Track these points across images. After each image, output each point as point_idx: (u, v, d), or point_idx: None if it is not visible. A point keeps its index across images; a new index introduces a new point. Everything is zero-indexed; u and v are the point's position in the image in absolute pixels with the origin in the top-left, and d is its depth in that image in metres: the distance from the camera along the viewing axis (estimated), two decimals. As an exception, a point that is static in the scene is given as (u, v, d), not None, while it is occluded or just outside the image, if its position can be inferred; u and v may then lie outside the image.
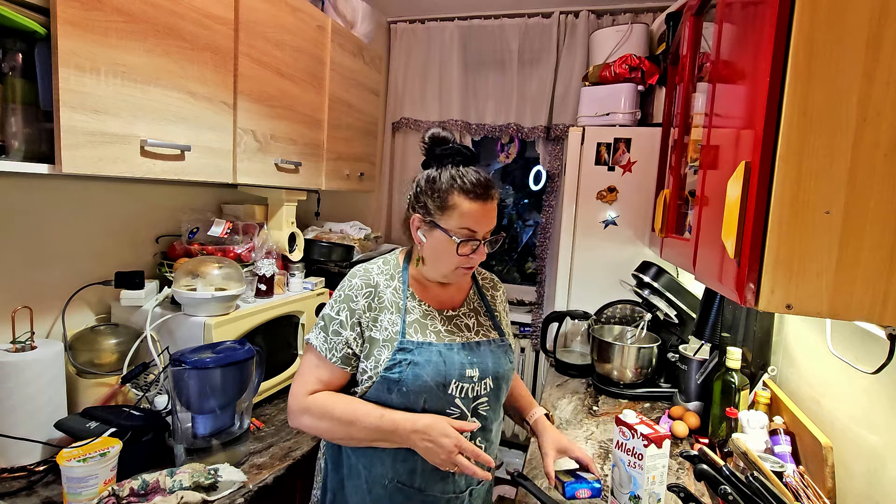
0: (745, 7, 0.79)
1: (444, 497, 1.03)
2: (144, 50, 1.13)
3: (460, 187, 0.99)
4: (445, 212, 1.00)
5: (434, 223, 1.01)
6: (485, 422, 1.05)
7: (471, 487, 1.06)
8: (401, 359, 0.98)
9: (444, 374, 0.99)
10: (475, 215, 0.99)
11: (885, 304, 0.61)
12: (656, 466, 1.00)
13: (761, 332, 1.52)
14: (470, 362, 1.03)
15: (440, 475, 1.02)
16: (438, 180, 1.01)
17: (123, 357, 1.33)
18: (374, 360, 1.01)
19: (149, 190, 1.61)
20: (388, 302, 1.04)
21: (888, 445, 0.93)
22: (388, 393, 0.99)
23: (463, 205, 0.98)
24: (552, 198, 2.58)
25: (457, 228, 0.99)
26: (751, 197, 0.65)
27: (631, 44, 2.18)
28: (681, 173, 1.37)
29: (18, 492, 1.06)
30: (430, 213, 1.01)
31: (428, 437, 0.92)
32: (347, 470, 1.06)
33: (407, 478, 1.01)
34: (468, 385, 1.02)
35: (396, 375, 0.98)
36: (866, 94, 0.59)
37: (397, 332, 1.01)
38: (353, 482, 1.05)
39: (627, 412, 1.07)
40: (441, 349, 1.02)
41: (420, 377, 0.98)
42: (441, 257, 1.02)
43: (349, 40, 2.00)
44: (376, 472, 1.02)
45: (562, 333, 2.12)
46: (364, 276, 1.05)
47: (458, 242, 0.99)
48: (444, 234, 0.99)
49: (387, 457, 1.01)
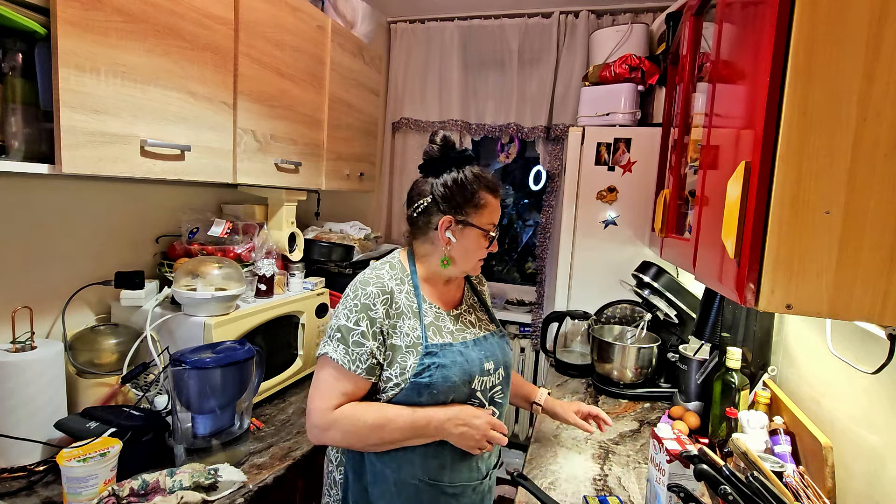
0: (745, 7, 0.79)
1: (471, 485, 1.08)
2: (144, 50, 1.13)
3: (486, 185, 1.07)
4: (478, 209, 1.06)
5: (467, 222, 1.06)
6: (500, 408, 1.13)
7: (489, 472, 1.13)
8: (429, 363, 1.01)
9: (468, 372, 1.04)
10: (498, 210, 1.10)
11: (885, 304, 0.61)
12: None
13: (761, 332, 1.52)
14: (485, 356, 1.09)
15: (466, 465, 1.06)
16: (467, 181, 1.06)
17: (123, 357, 1.33)
18: (399, 366, 1.01)
19: (149, 190, 1.61)
20: (403, 307, 1.05)
21: (888, 445, 0.93)
22: (419, 396, 1.01)
23: (491, 202, 1.08)
24: (552, 198, 2.58)
25: (487, 224, 1.08)
26: (751, 197, 0.65)
27: (631, 44, 2.18)
28: (681, 173, 1.37)
29: (18, 492, 1.06)
30: (463, 212, 1.06)
31: (462, 422, 0.99)
32: (372, 477, 1.05)
33: (437, 473, 1.04)
34: (487, 378, 1.08)
35: (427, 379, 1.00)
36: (866, 94, 0.59)
37: (419, 336, 1.03)
38: (378, 488, 1.04)
39: (663, 426, 1.08)
40: (460, 348, 1.06)
41: (449, 378, 1.01)
42: (472, 254, 1.09)
43: (349, 40, 2.00)
44: (405, 473, 1.03)
45: (562, 333, 2.12)
46: (378, 284, 1.03)
47: (492, 238, 1.08)
48: (478, 230, 1.07)
49: (416, 456, 1.03)
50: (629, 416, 1.63)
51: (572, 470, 1.28)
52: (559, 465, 1.31)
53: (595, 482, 1.23)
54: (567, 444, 1.41)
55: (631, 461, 1.34)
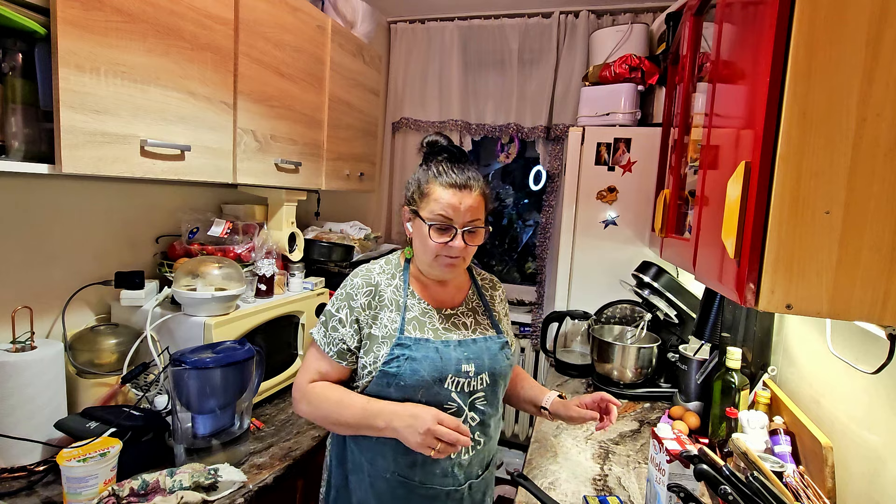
0: (745, 7, 0.79)
1: (444, 490, 1.05)
2: (144, 50, 1.13)
3: (435, 176, 1.06)
4: (423, 199, 1.06)
5: (416, 212, 1.07)
6: (482, 416, 1.08)
7: (470, 481, 1.08)
8: (398, 354, 1.02)
9: (440, 370, 1.03)
10: (448, 202, 1.03)
11: (885, 304, 0.61)
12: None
13: (761, 332, 1.52)
14: (466, 358, 1.06)
15: (439, 468, 1.04)
16: (423, 172, 1.09)
17: (123, 357, 1.33)
18: (374, 355, 1.04)
19: (149, 190, 1.61)
20: (388, 300, 1.08)
21: (888, 445, 0.93)
22: (388, 387, 1.02)
23: (436, 191, 1.04)
24: (552, 198, 2.57)
25: (434, 215, 1.04)
26: (751, 197, 0.65)
27: (631, 44, 2.18)
28: (681, 173, 1.37)
29: (18, 492, 1.06)
30: (415, 202, 1.08)
31: (409, 415, 0.95)
32: (352, 465, 1.10)
33: (407, 471, 1.04)
34: (464, 380, 1.05)
35: (394, 370, 1.01)
36: (866, 94, 0.59)
37: (396, 328, 1.05)
38: (356, 476, 1.08)
39: (663, 426, 1.08)
40: (438, 346, 1.05)
41: (417, 372, 1.01)
42: (426, 247, 1.06)
43: (349, 40, 2.00)
44: (378, 466, 1.05)
45: (562, 333, 2.12)
46: (365, 276, 1.10)
47: (429, 226, 1.03)
48: (423, 221, 1.05)
49: (388, 450, 1.04)
50: (629, 416, 1.63)
51: (572, 470, 1.28)
52: (559, 465, 1.31)
53: (595, 482, 1.23)
54: (567, 444, 1.41)
55: (631, 461, 1.34)
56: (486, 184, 1.09)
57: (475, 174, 1.07)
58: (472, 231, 1.06)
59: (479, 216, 1.06)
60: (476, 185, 1.05)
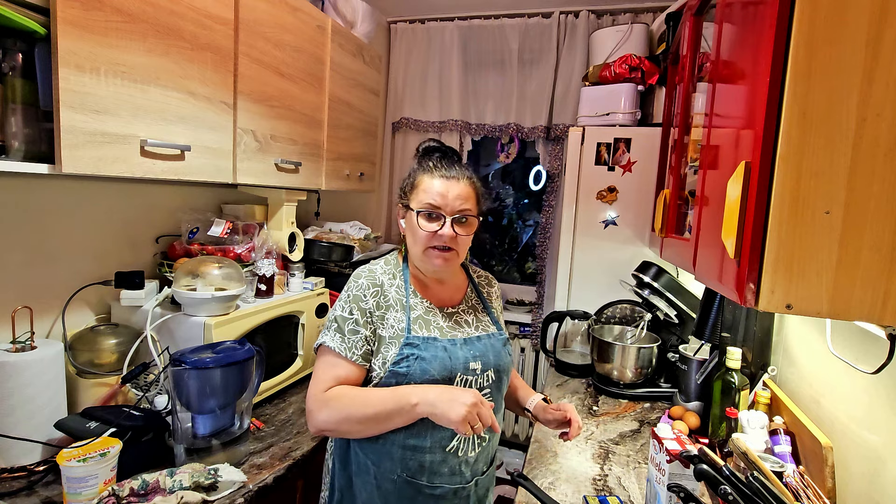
0: (745, 7, 0.79)
1: (452, 489, 1.05)
2: (144, 50, 1.13)
3: (425, 170, 1.09)
4: (413, 191, 1.09)
5: (407, 206, 1.09)
6: None
7: (476, 478, 1.09)
8: (408, 353, 1.02)
9: (449, 369, 1.03)
10: (436, 190, 1.05)
11: (885, 304, 0.61)
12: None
13: (761, 332, 1.52)
14: (473, 356, 1.07)
15: (448, 467, 1.04)
16: (414, 171, 1.12)
17: (123, 357, 1.33)
18: (382, 356, 1.04)
19: (149, 190, 1.61)
20: (392, 300, 1.08)
21: (888, 445, 0.93)
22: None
23: (425, 182, 1.07)
24: (552, 198, 2.58)
25: (421, 204, 1.06)
26: (751, 197, 0.65)
27: (631, 44, 2.18)
28: (681, 173, 1.37)
29: (18, 492, 1.05)
30: (405, 196, 1.11)
31: (448, 393, 0.94)
32: (356, 467, 1.08)
33: (416, 472, 1.04)
34: (472, 378, 1.06)
35: (404, 369, 1.01)
36: (866, 94, 0.59)
37: (403, 328, 1.05)
38: (361, 478, 1.08)
39: (663, 426, 1.08)
40: (446, 344, 1.05)
41: (427, 371, 1.01)
42: (418, 239, 1.07)
43: (349, 40, 2.00)
44: (385, 468, 1.04)
45: (562, 333, 2.12)
46: (369, 276, 1.09)
47: (417, 213, 1.05)
48: (412, 212, 1.07)
49: (395, 451, 1.03)
50: (629, 416, 1.63)
51: (572, 470, 1.28)
52: (559, 465, 1.31)
53: (595, 482, 1.23)
54: (567, 445, 1.41)
55: (631, 461, 1.34)
56: (477, 178, 1.12)
57: (466, 169, 1.10)
58: (463, 221, 1.06)
59: (469, 206, 1.07)
60: (464, 176, 1.08)
